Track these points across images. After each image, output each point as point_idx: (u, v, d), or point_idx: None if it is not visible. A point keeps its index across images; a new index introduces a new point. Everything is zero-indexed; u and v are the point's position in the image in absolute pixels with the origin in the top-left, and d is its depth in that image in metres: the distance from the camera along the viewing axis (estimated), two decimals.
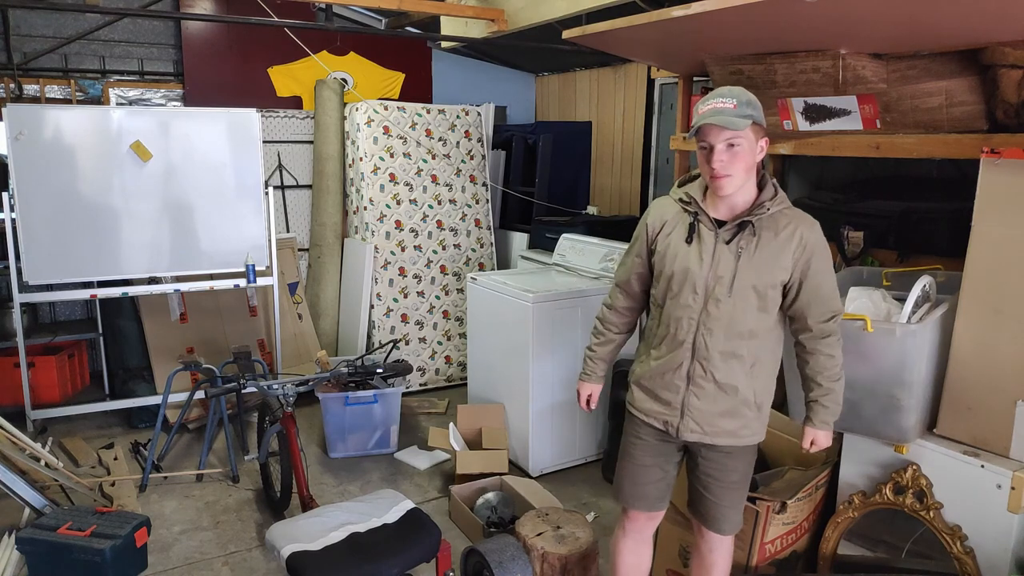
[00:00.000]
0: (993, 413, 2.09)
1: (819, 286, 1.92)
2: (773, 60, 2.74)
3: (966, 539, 2.11)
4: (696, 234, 1.96)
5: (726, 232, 1.92)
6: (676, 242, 1.99)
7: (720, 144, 1.84)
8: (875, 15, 2.24)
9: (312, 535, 2.08)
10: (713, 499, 2.07)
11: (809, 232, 1.91)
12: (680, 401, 2.00)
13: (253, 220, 4.22)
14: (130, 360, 4.53)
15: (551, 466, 3.73)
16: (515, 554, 2.50)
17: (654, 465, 2.11)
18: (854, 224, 2.88)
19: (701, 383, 1.96)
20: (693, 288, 1.94)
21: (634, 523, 2.21)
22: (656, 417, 2.05)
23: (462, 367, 5.08)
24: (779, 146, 3.06)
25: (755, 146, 1.88)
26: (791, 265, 1.90)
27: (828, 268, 1.94)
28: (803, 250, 1.90)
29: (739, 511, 2.11)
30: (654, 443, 2.09)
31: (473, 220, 5.20)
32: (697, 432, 2.00)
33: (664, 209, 2.07)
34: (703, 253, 1.94)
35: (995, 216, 2.07)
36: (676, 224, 2.01)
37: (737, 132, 1.83)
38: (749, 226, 1.90)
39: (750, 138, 1.86)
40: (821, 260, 1.92)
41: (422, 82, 5.98)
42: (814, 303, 1.92)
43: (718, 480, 2.06)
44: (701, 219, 1.96)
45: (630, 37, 2.98)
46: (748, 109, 1.84)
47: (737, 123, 1.81)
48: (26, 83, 4.76)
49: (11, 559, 2.71)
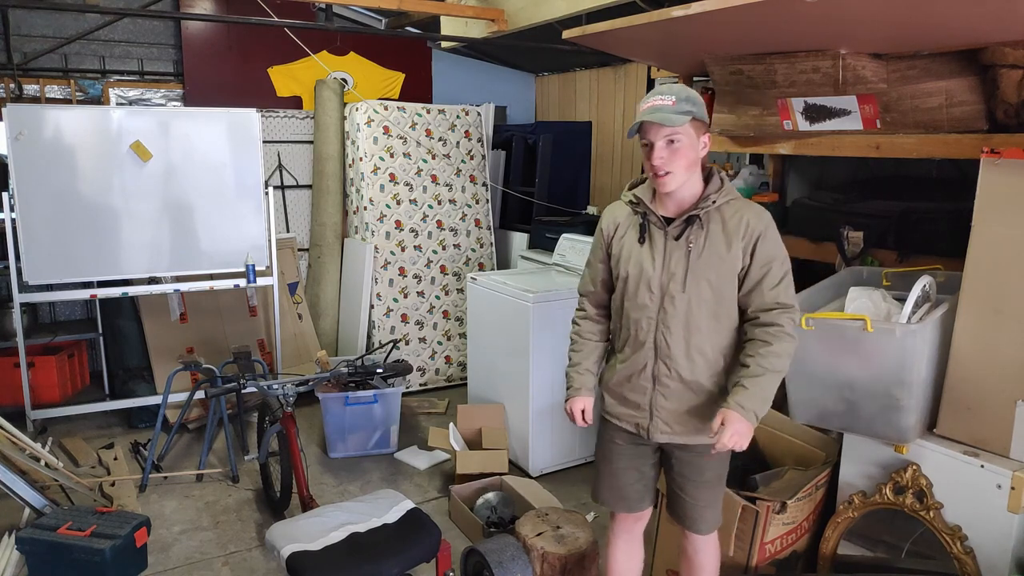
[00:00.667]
0: (993, 413, 2.09)
1: (768, 275, 1.89)
2: (773, 60, 2.74)
3: (966, 539, 2.11)
4: (647, 234, 1.98)
5: (675, 229, 1.93)
6: (630, 244, 2.01)
7: (660, 141, 1.86)
8: (875, 15, 2.24)
9: (312, 535, 2.08)
10: (689, 499, 2.07)
11: (756, 220, 1.90)
12: (648, 402, 2.00)
13: (253, 220, 4.22)
14: (130, 360, 4.53)
15: (551, 466, 3.73)
16: (515, 554, 2.50)
17: (630, 468, 2.12)
18: (854, 224, 2.88)
19: (667, 382, 1.97)
20: (648, 287, 1.96)
21: (621, 524, 2.22)
22: (627, 420, 2.06)
23: (462, 367, 5.08)
24: (779, 146, 3.06)
25: (697, 142, 1.89)
26: (741, 254, 1.89)
27: (778, 258, 1.91)
28: (750, 238, 1.89)
29: (716, 510, 2.11)
30: (628, 447, 2.10)
31: (473, 220, 5.20)
32: (668, 432, 2.00)
33: (616, 213, 2.09)
34: (655, 252, 1.96)
35: (995, 216, 2.07)
36: (629, 226, 2.03)
37: (676, 128, 1.84)
38: (696, 220, 1.91)
39: (690, 134, 1.87)
40: (769, 248, 1.90)
41: (422, 82, 5.98)
42: (762, 292, 1.90)
43: (692, 480, 2.05)
44: (650, 218, 1.97)
45: (630, 37, 2.98)
46: (687, 105, 1.85)
47: (675, 119, 1.82)
48: (26, 83, 4.76)
49: (11, 559, 2.71)
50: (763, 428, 2.80)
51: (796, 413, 2.38)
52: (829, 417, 2.31)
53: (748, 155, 4.05)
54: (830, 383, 2.24)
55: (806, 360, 2.26)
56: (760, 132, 3.06)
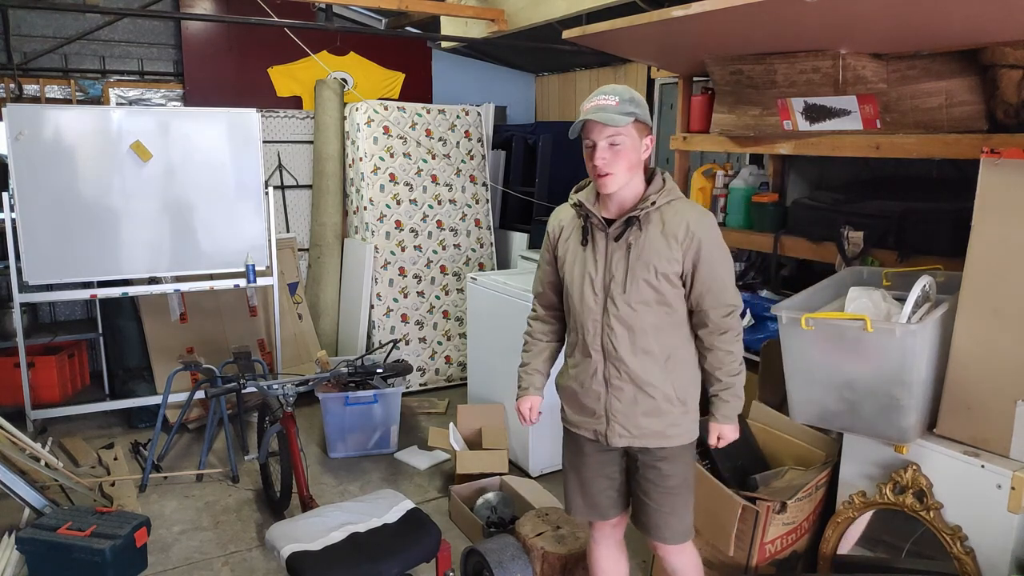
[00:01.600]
0: (993, 413, 2.09)
1: (712, 278, 1.90)
2: (773, 60, 2.74)
3: (966, 539, 2.11)
4: (590, 236, 1.97)
5: (615, 230, 1.93)
6: (573, 247, 2.01)
7: (602, 141, 1.85)
8: (875, 15, 2.24)
9: (312, 535, 2.08)
10: (654, 505, 2.03)
11: (697, 222, 1.90)
12: (603, 407, 1.99)
13: (253, 220, 4.22)
14: (130, 360, 4.53)
15: (551, 466, 3.73)
16: (515, 554, 2.51)
17: (598, 476, 2.10)
18: (854, 224, 2.88)
19: (618, 384, 1.96)
20: (592, 289, 1.95)
21: (600, 531, 2.19)
22: (585, 428, 2.05)
23: (462, 367, 5.08)
24: (779, 146, 3.06)
25: (639, 144, 1.89)
26: (681, 256, 1.89)
27: (721, 259, 1.93)
28: (691, 240, 1.88)
29: (683, 519, 2.05)
30: (593, 454, 2.09)
31: (473, 220, 5.20)
32: (625, 436, 1.98)
33: (562, 215, 2.09)
34: (596, 254, 1.96)
35: (995, 216, 2.07)
36: (572, 229, 2.03)
37: (618, 129, 1.84)
38: (636, 221, 1.91)
39: (633, 135, 1.86)
40: (712, 250, 1.90)
41: (422, 82, 5.98)
42: (707, 295, 1.91)
43: (656, 485, 2.02)
44: (592, 220, 1.97)
45: (630, 37, 2.98)
46: (630, 107, 1.84)
47: (617, 119, 1.82)
48: (26, 83, 4.76)
49: (11, 559, 2.71)
50: (763, 428, 2.80)
51: (796, 413, 2.38)
52: (829, 417, 2.31)
53: (748, 155, 4.05)
54: (830, 383, 2.24)
55: (806, 360, 2.26)
56: (760, 132, 3.06)
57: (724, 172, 3.73)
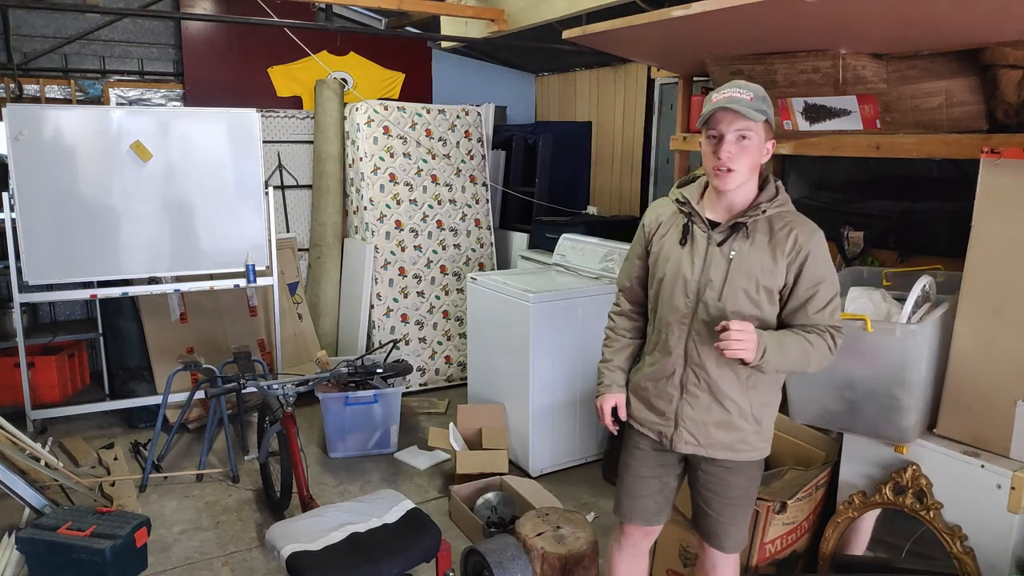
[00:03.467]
0: (993, 413, 2.09)
1: (813, 297, 1.81)
2: (773, 60, 2.74)
3: (966, 539, 2.11)
4: (690, 236, 1.89)
5: (719, 234, 1.85)
6: (670, 244, 1.93)
7: (731, 134, 1.75)
8: (875, 15, 2.24)
9: (312, 535, 2.08)
10: (714, 514, 1.98)
11: (807, 237, 1.80)
12: (674, 411, 1.92)
13: (253, 220, 4.22)
14: (130, 360, 4.53)
15: (551, 466, 3.73)
16: (515, 554, 2.50)
17: (652, 477, 2.03)
18: (854, 224, 2.88)
19: (695, 391, 1.89)
20: (684, 292, 1.87)
21: (630, 538, 2.13)
22: (650, 427, 1.99)
23: (462, 367, 5.07)
24: (779, 146, 3.06)
25: (763, 144, 1.80)
26: (784, 270, 1.80)
27: (827, 279, 1.82)
28: (797, 254, 1.80)
29: (741, 528, 2.01)
30: (652, 453, 2.01)
31: (473, 220, 5.20)
32: (692, 444, 1.92)
33: (661, 210, 2.00)
34: (695, 256, 1.87)
35: (995, 216, 2.07)
36: (672, 225, 1.95)
37: (750, 124, 1.75)
38: (743, 228, 1.82)
39: (760, 134, 1.78)
40: (818, 268, 1.80)
41: (422, 82, 5.98)
42: (804, 313, 1.82)
43: (718, 495, 1.96)
44: (695, 220, 1.89)
45: (630, 37, 2.99)
46: (763, 104, 1.77)
47: (753, 114, 1.73)
48: (26, 83, 4.75)
49: (11, 559, 2.71)
50: None
51: (796, 413, 2.38)
52: (829, 417, 2.31)
53: None
54: (830, 383, 2.24)
55: None
56: None
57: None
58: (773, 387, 1.95)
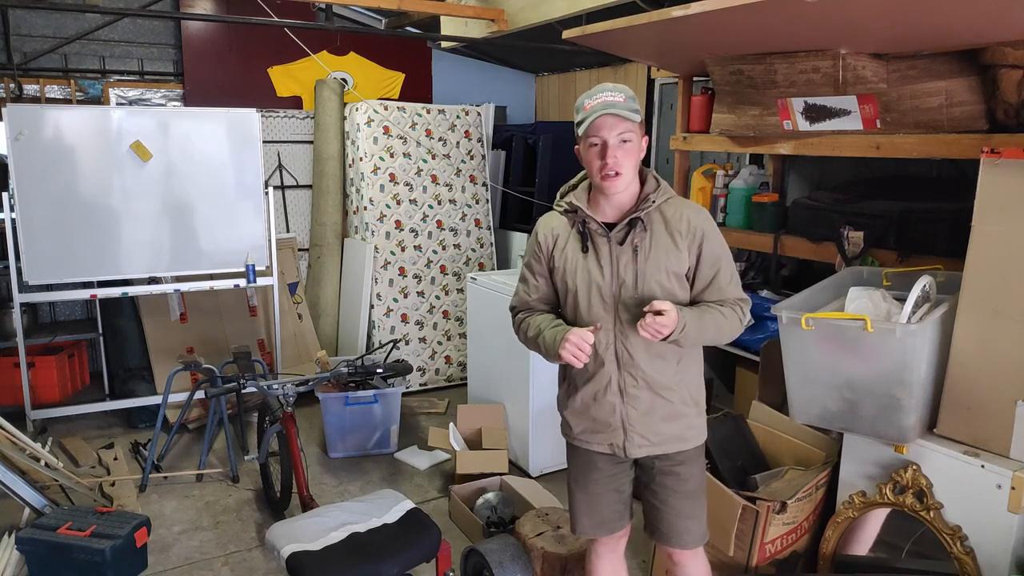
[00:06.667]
0: (993, 413, 2.09)
1: (717, 273, 1.87)
2: (773, 60, 2.74)
3: (966, 539, 2.11)
4: (590, 242, 1.89)
5: (618, 233, 1.86)
6: (572, 255, 1.91)
7: (613, 139, 1.77)
8: (875, 15, 2.24)
9: (312, 535, 2.08)
10: (673, 512, 1.97)
11: (698, 218, 1.87)
12: (619, 419, 1.91)
13: (253, 220, 4.22)
14: (130, 360, 4.53)
15: (551, 466, 3.73)
16: (515, 554, 2.51)
17: (608, 491, 2.02)
18: (854, 224, 2.88)
19: (634, 392, 1.89)
20: (601, 298, 1.87)
21: (604, 545, 2.11)
22: (599, 442, 1.96)
23: (462, 367, 5.07)
24: (779, 146, 3.06)
25: (641, 142, 1.84)
26: (687, 252, 1.85)
27: (724, 255, 1.89)
28: (694, 235, 1.85)
29: (701, 522, 2.01)
30: (605, 468, 2.00)
31: (473, 220, 5.20)
32: (645, 445, 1.92)
33: (552, 223, 1.98)
34: (601, 260, 1.87)
35: (995, 216, 2.07)
36: (568, 236, 1.93)
37: (630, 125, 1.77)
38: (639, 222, 1.85)
39: (638, 133, 1.81)
40: (715, 246, 1.87)
41: (422, 82, 5.98)
42: (714, 289, 1.87)
43: (675, 491, 1.96)
44: (590, 225, 1.89)
45: (630, 37, 2.99)
46: (635, 104, 1.79)
47: (631, 115, 1.76)
48: (26, 83, 4.75)
49: (11, 559, 2.71)
50: (763, 428, 2.80)
51: (796, 413, 2.38)
52: (829, 417, 2.31)
53: (748, 155, 4.05)
54: (830, 383, 2.24)
55: (806, 360, 2.26)
56: (760, 132, 3.06)
57: (724, 172, 3.73)
58: (698, 362, 1.99)
